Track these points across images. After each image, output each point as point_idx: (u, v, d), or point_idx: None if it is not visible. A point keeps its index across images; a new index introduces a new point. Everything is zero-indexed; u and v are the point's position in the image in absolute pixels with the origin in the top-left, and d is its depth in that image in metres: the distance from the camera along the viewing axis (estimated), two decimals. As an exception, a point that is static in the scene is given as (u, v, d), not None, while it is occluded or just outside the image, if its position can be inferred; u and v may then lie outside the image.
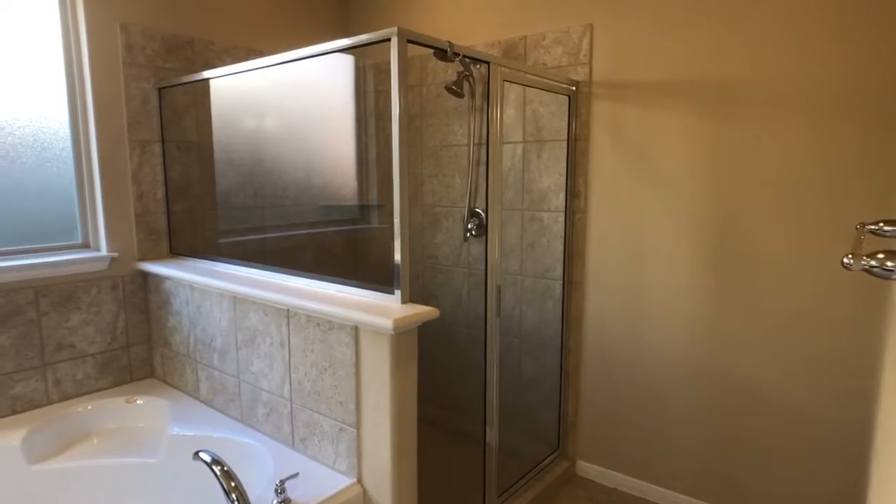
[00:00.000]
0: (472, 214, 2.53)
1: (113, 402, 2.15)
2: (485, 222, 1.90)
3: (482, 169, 2.51)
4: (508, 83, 1.93)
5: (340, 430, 1.64)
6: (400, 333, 1.49)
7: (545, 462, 2.42)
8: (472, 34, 2.54)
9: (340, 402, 1.62)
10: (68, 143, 2.17)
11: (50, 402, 2.10)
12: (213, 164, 2.48)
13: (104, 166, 2.18)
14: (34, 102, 2.08)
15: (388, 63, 1.46)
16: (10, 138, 2.04)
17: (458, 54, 1.68)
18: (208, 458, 1.47)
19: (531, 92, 2.37)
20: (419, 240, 2.81)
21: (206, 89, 2.41)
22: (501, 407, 2.05)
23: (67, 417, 2.04)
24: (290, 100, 2.63)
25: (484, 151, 2.41)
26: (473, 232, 2.54)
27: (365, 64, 2.87)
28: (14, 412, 2.02)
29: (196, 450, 1.53)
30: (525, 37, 2.37)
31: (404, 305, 1.53)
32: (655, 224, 2.15)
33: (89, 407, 2.10)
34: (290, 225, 2.71)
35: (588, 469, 2.46)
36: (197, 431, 1.93)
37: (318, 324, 1.64)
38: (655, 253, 2.16)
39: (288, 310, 1.72)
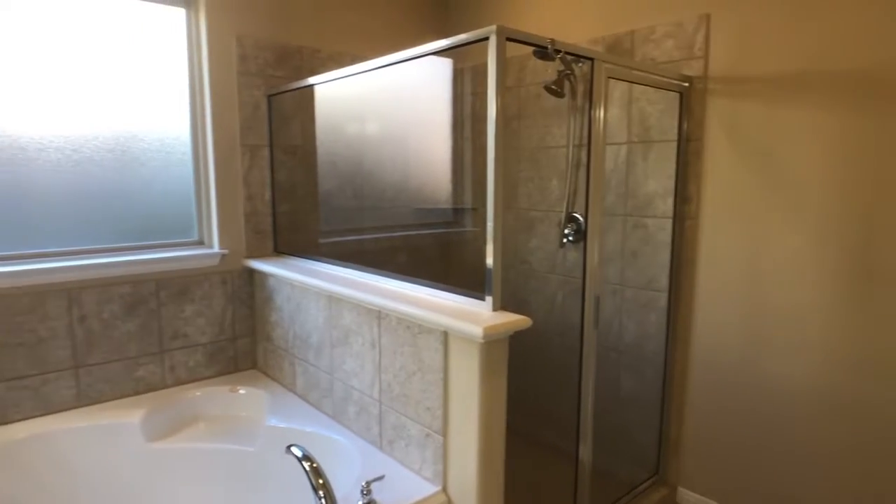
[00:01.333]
0: (570, 219, 2.42)
1: (219, 391, 2.28)
2: (583, 228, 1.80)
3: (582, 171, 2.39)
4: (613, 81, 1.82)
5: (427, 435, 1.61)
6: (490, 342, 1.44)
7: (642, 486, 2.26)
8: (574, 31, 2.43)
9: (428, 408, 1.60)
10: (188, 148, 2.34)
11: (165, 386, 2.27)
12: (315, 167, 2.57)
13: (219, 169, 2.32)
14: (161, 111, 2.27)
15: (486, 65, 1.42)
16: (141, 144, 2.24)
17: (559, 51, 1.60)
18: (299, 454, 1.50)
19: (638, 90, 2.23)
20: (512, 245, 2.74)
21: (310, 95, 2.51)
22: (596, 423, 1.93)
23: (180, 402, 2.20)
24: (390, 104, 2.67)
25: (584, 153, 2.30)
26: (570, 238, 2.43)
27: (463, 66, 2.86)
28: (136, 393, 2.20)
29: (289, 443, 1.57)
30: (632, 31, 2.23)
31: (495, 313, 1.48)
32: (781, 233, 1.93)
33: (198, 393, 2.25)
34: (385, 227, 2.75)
35: (690, 498, 2.27)
36: (292, 424, 1.99)
37: (409, 327, 1.63)
38: (780, 266, 1.94)
39: (380, 311, 1.73)
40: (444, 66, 2.83)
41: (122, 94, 2.17)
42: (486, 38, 1.43)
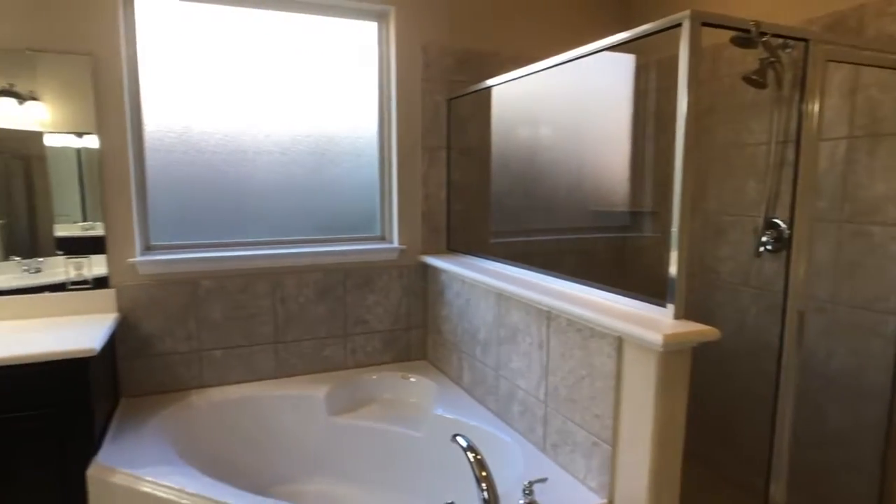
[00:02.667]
0: (769, 225, 2.14)
1: (392, 377, 2.43)
2: (786, 235, 1.58)
3: (787, 171, 2.11)
4: (834, 64, 1.57)
5: (594, 444, 1.54)
6: (670, 351, 1.33)
7: (852, 542, 1.91)
8: (779, 14, 2.15)
9: (597, 415, 1.53)
10: (375, 151, 2.53)
11: (346, 367, 2.48)
12: (489, 167, 2.62)
13: (401, 170, 2.48)
14: (353, 117, 2.49)
15: (673, 59, 1.31)
16: (336, 147, 2.48)
17: (764, 35, 1.43)
18: (464, 444, 1.52)
19: (867, 75, 1.89)
20: (697, 252, 2.51)
21: (487, 97, 2.56)
22: (792, 459, 1.68)
23: (358, 382, 2.39)
24: (566, 103, 2.62)
25: (791, 150, 2.03)
26: (769, 246, 2.15)
27: (647, 61, 2.69)
28: (324, 370, 2.44)
29: (454, 433, 1.61)
30: (862, 5, 1.91)
31: (678, 322, 1.36)
32: None
33: (374, 377, 2.42)
34: (557, 229, 2.70)
35: (920, 569, 1.86)
36: (457, 416, 2.04)
37: (579, 329, 1.57)
38: None
39: (549, 312, 1.70)
40: (626, 62, 2.69)
41: (321, 103, 2.43)
42: (678, 25, 1.33)
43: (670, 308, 1.38)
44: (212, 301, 2.24)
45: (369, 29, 2.46)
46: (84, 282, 2.10)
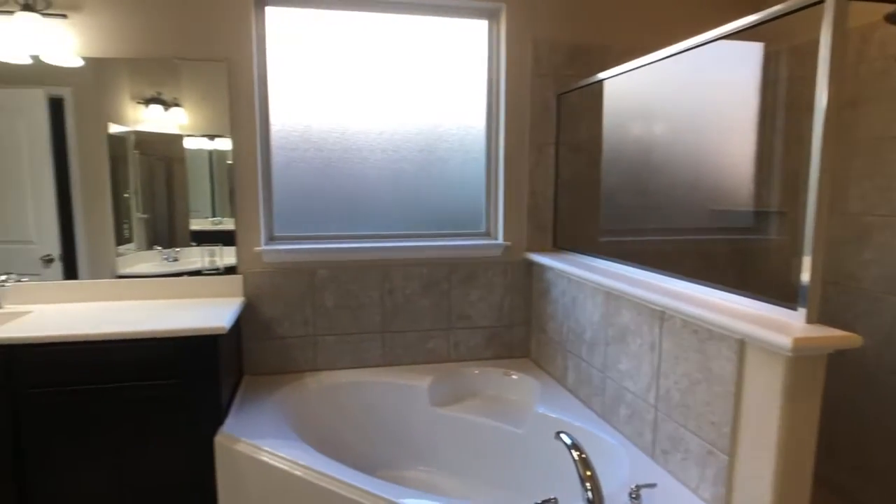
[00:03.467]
0: (925, 227, 1.89)
1: (493, 373, 2.43)
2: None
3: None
4: None
5: (709, 452, 1.44)
6: (801, 357, 1.21)
7: None
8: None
9: (712, 423, 1.43)
10: (483, 147, 2.55)
11: (449, 360, 2.52)
12: (599, 164, 2.54)
13: (508, 166, 2.48)
14: (462, 115, 2.53)
15: (811, 44, 1.20)
16: (444, 144, 2.53)
17: (927, 6, 1.26)
18: (568, 441, 1.49)
19: None
20: (834, 256, 2.27)
21: (598, 92, 2.49)
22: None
23: (460, 376, 2.42)
24: (684, 96, 2.48)
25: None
26: (924, 251, 1.90)
27: (778, 49, 2.48)
28: (426, 361, 2.50)
29: (558, 430, 1.58)
30: None
31: (810, 326, 1.24)
32: None
33: (476, 372, 2.44)
34: (672, 228, 2.56)
35: None
36: (560, 415, 2.00)
37: (696, 331, 1.48)
38: None
39: (663, 312, 1.62)
40: (752, 50, 2.50)
41: (430, 101, 2.49)
42: (820, 2, 1.21)
43: (801, 311, 1.26)
44: (326, 290, 2.38)
45: (479, 27, 2.49)
46: (216, 269, 2.31)
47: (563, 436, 1.53)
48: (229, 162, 2.30)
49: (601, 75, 2.20)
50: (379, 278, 2.42)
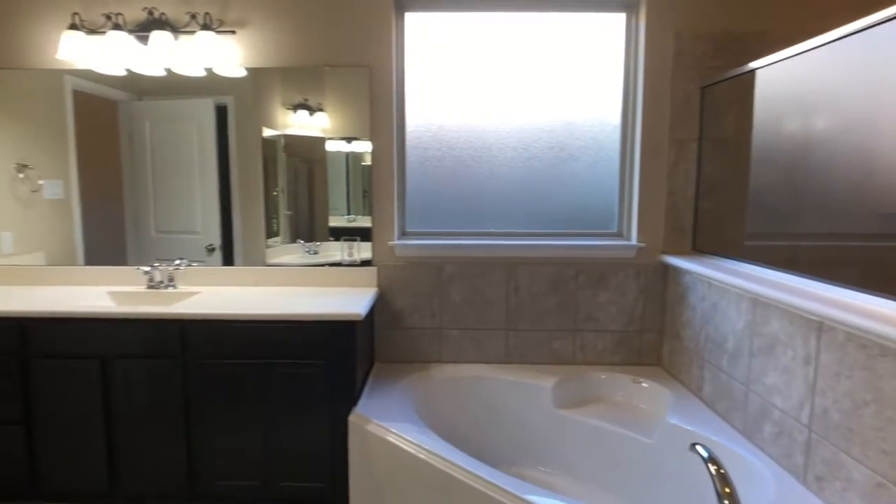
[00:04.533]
0: None
1: (621, 378, 2.33)
2: None
3: None
4: None
5: (878, 485, 1.26)
6: None
7: None
8: None
9: (884, 451, 1.25)
10: (617, 145, 2.46)
11: (574, 363, 2.46)
12: (748, 161, 2.33)
13: (644, 164, 2.37)
14: (595, 111, 2.46)
15: None
16: (576, 142, 2.48)
17: None
18: (705, 454, 1.39)
19: None
20: None
21: (749, 83, 2.28)
22: None
23: (586, 379, 2.35)
24: (854, 86, 2.20)
25: None
26: None
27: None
28: (550, 362, 2.47)
29: (693, 443, 1.48)
30: None
31: None
32: None
33: (603, 376, 2.35)
34: (832, 234, 2.28)
35: None
36: (694, 428, 1.87)
37: (864, 346, 1.31)
38: None
39: (821, 322, 1.45)
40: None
41: (562, 98, 2.45)
42: None
43: None
44: (453, 284, 2.44)
45: (615, 20, 2.41)
46: (353, 262, 2.47)
47: (698, 448, 1.43)
48: (364, 163, 2.45)
49: (753, 64, 2.02)
50: (505, 275, 2.43)
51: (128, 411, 2.05)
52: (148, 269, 2.40)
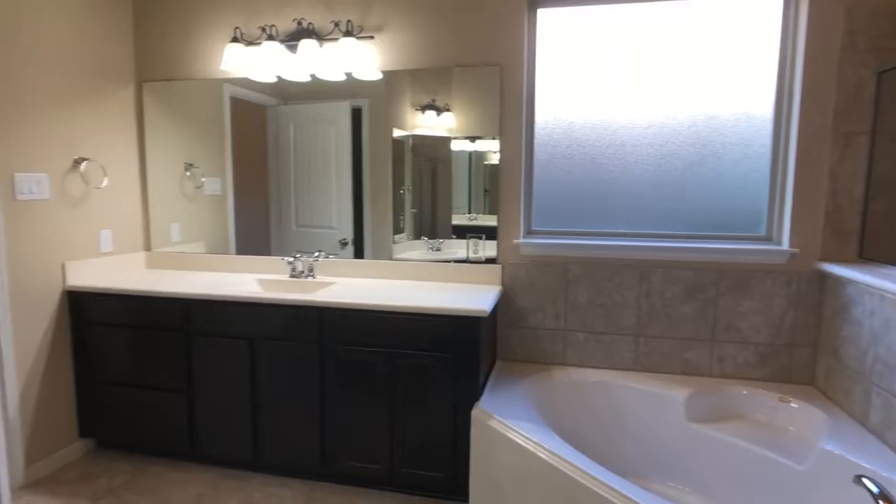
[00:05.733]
0: None
1: (765, 396, 2.12)
2: None
3: None
4: None
5: None
6: None
7: None
8: None
9: None
10: (768, 140, 2.24)
11: (710, 375, 2.28)
12: (934, 157, 2.01)
13: (800, 161, 2.14)
14: (742, 104, 2.25)
15: None
16: (720, 138, 2.29)
17: None
18: (874, 489, 1.22)
19: None
20: None
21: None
22: None
23: (724, 394, 2.17)
24: None
25: None
26: None
27: None
28: (683, 373, 2.31)
29: (858, 474, 1.30)
30: None
31: None
32: None
33: (744, 392, 2.16)
34: None
35: None
36: (857, 458, 1.65)
37: None
38: None
39: None
40: None
41: (705, 90, 2.28)
42: None
43: None
44: (580, 285, 2.37)
45: (769, 1, 2.19)
46: (478, 259, 2.49)
47: (866, 481, 1.26)
48: (487, 162, 2.46)
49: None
50: (636, 279, 2.31)
51: (270, 388, 2.24)
52: (291, 259, 2.60)
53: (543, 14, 2.39)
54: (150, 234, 2.87)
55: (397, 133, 2.55)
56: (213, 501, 2.17)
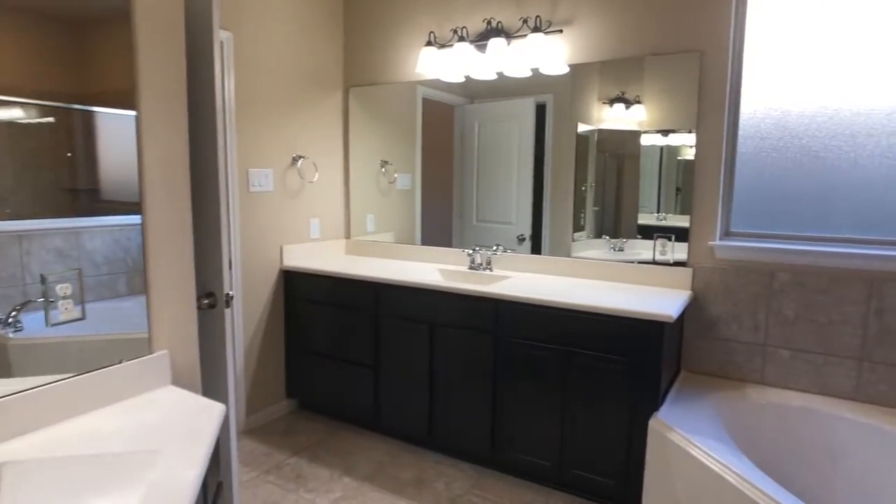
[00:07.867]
0: None
1: None
2: None
3: None
4: None
5: None
6: None
7: None
8: None
9: None
10: None
11: (966, 419, 1.84)
12: None
13: None
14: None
15: None
16: None
17: None
18: None
19: None
20: None
21: None
22: None
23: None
24: None
25: None
26: None
27: None
28: (923, 411, 1.90)
29: None
30: None
31: None
32: None
33: None
34: None
35: None
36: None
37: None
38: None
39: None
40: None
41: (982, 65, 1.84)
42: None
43: None
44: (786, 296, 2.08)
45: None
46: (665, 261, 2.32)
47: None
48: (680, 157, 2.27)
49: None
50: (863, 292, 1.96)
51: (446, 372, 2.34)
52: (470, 251, 2.69)
53: (756, -9, 2.14)
54: (350, 224, 3.19)
55: (582, 128, 2.49)
56: (392, 471, 2.35)
